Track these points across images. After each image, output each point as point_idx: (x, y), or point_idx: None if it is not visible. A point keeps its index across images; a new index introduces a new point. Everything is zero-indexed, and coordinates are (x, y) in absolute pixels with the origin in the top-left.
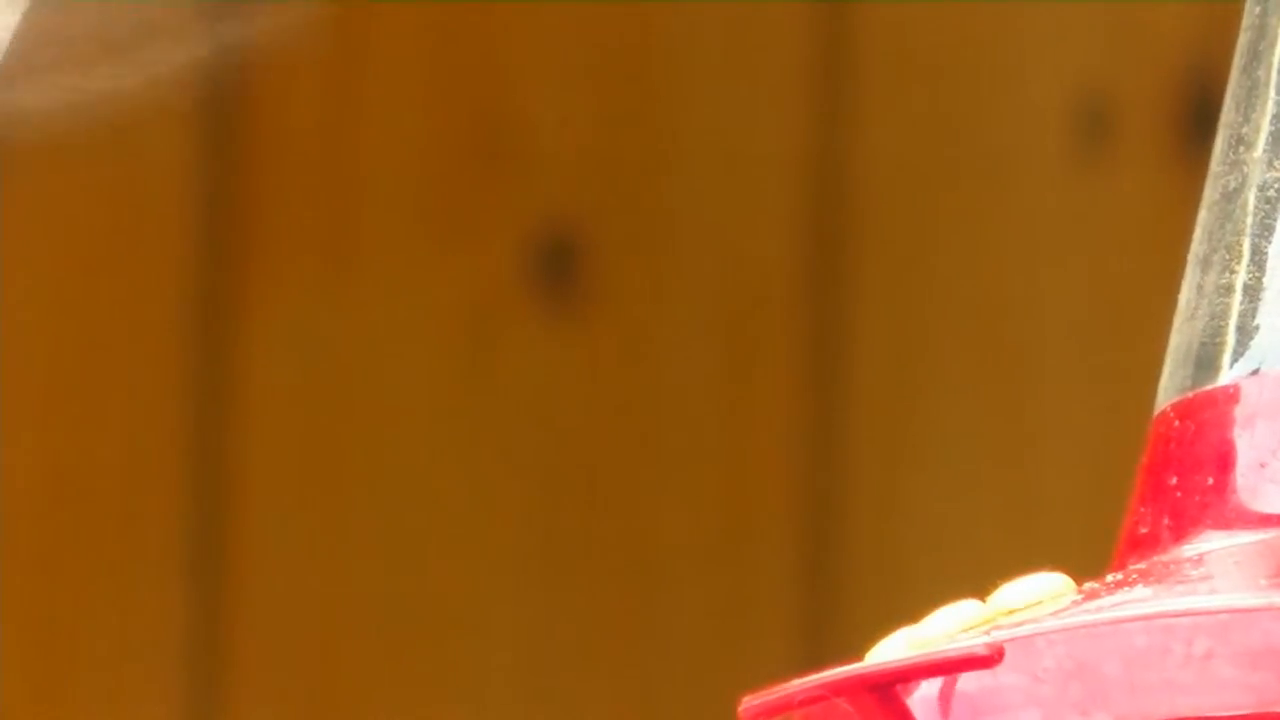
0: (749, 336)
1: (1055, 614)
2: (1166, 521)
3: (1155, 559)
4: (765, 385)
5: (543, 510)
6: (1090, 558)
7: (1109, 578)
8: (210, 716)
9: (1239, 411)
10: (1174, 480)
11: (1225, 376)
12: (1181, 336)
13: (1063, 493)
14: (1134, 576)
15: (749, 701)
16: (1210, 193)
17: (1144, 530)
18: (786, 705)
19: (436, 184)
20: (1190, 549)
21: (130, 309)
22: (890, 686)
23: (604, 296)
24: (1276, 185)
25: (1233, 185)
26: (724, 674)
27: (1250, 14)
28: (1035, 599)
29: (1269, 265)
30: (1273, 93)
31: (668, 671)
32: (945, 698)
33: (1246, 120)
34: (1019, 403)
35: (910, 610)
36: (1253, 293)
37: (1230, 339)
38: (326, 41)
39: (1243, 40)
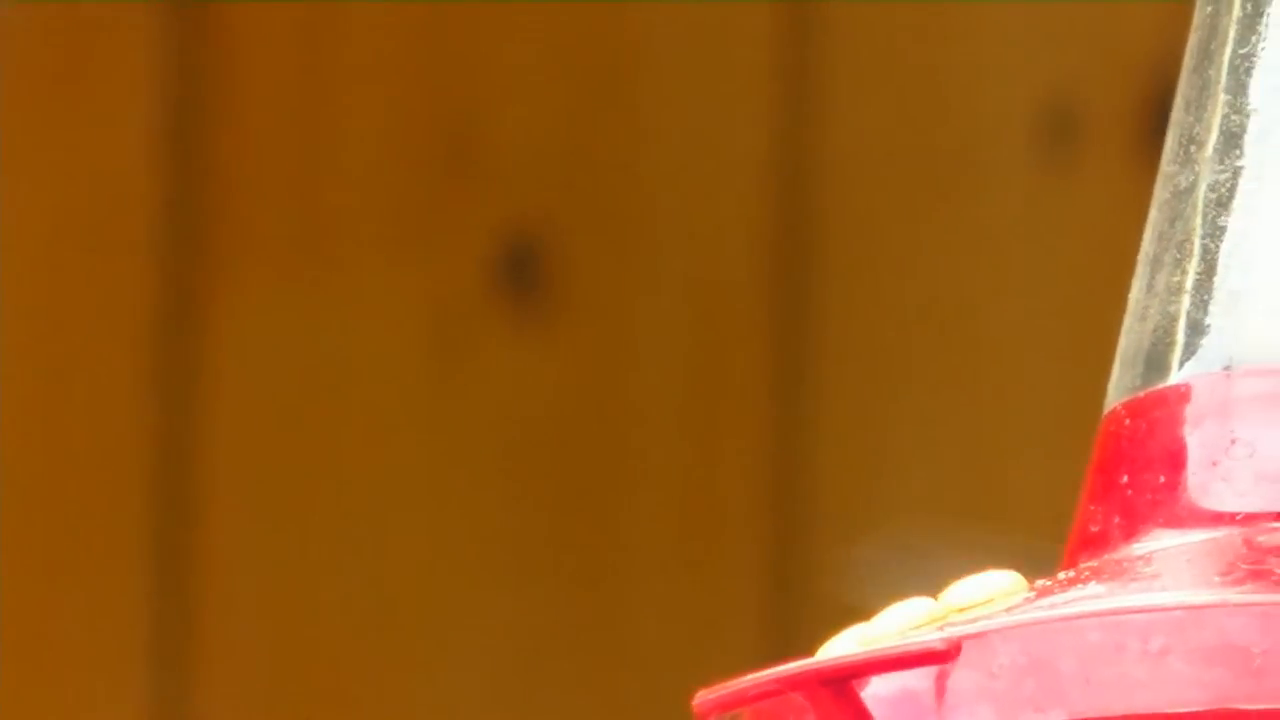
0: (716, 339)
1: (1008, 610)
2: (1117, 520)
3: (1107, 557)
4: (733, 388)
5: (510, 513)
6: (1058, 558)
7: (1061, 575)
8: (176, 713)
9: (1190, 410)
10: (1125, 479)
11: (1176, 376)
12: (1132, 335)
13: (1030, 492)
14: (1086, 574)
15: (703, 695)
16: (1161, 192)
17: (1095, 529)
18: (741, 700)
19: (403, 188)
20: (1141, 547)
21: (97, 312)
22: (845, 681)
23: (571, 300)
24: (1227, 184)
25: (1183, 184)
26: (692, 675)
27: (1201, 13)
28: (987, 596)
29: (1219, 264)
30: (1223, 92)
31: (636, 673)
32: (899, 693)
33: (1198, 120)
34: (985, 404)
35: (877, 611)
36: (1203, 292)
37: (1181, 338)
38: (293, 46)
39: (1193, 40)
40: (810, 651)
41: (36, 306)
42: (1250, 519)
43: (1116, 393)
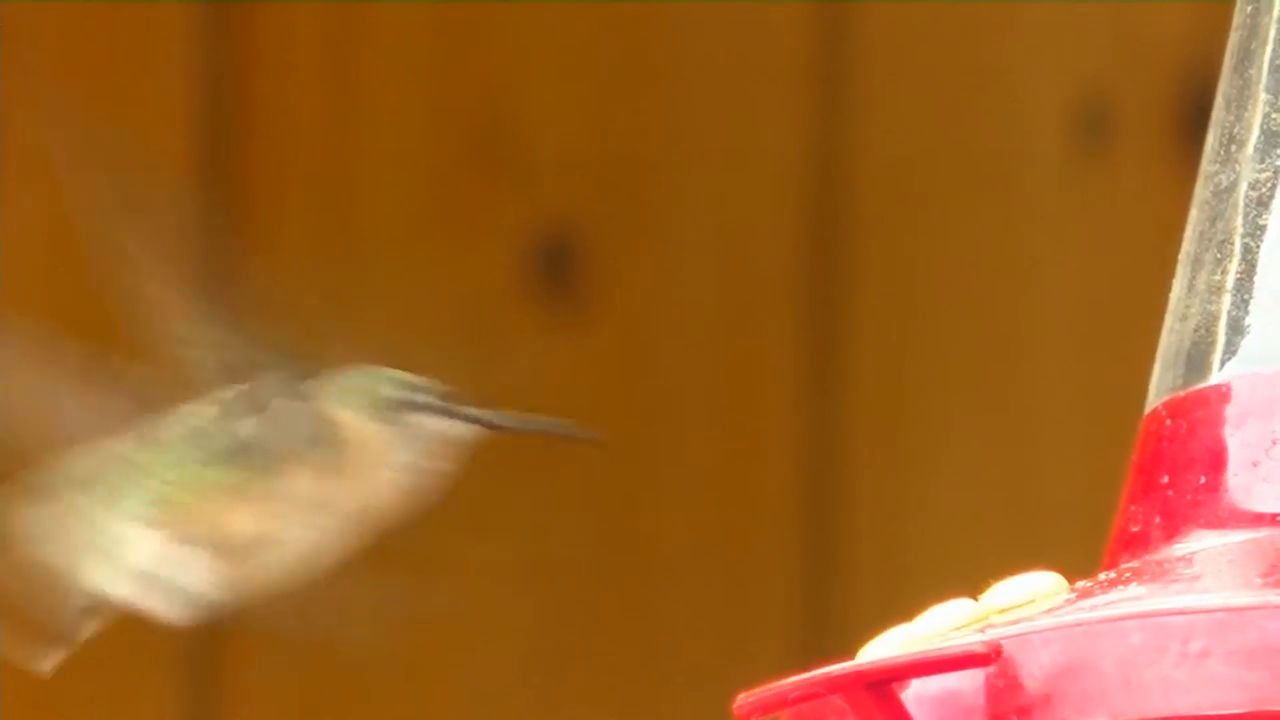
0: (749, 336)
1: (1049, 612)
2: (1158, 520)
3: (1148, 558)
4: (765, 385)
5: (542, 510)
6: (1089, 557)
7: (1102, 576)
8: (208, 714)
9: (1231, 410)
10: (1166, 479)
11: (1217, 375)
12: (1173, 335)
13: (1062, 491)
14: (1127, 575)
15: (744, 698)
16: (1202, 191)
17: (1135, 529)
18: (782, 702)
19: (436, 186)
20: (1182, 548)
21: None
22: (887, 684)
23: (604, 297)
24: (1267, 184)
25: (1224, 183)
26: (724, 674)
27: (1241, 13)
28: (1028, 597)
29: (1260, 264)
30: (1264, 92)
31: (668, 672)
32: (941, 695)
33: (1238, 119)
34: (1018, 402)
35: (910, 610)
36: (1244, 292)
37: (1221, 338)
38: (324, 45)
39: (1234, 39)
40: (844, 652)
41: (70, 307)
42: None
43: (1157, 392)
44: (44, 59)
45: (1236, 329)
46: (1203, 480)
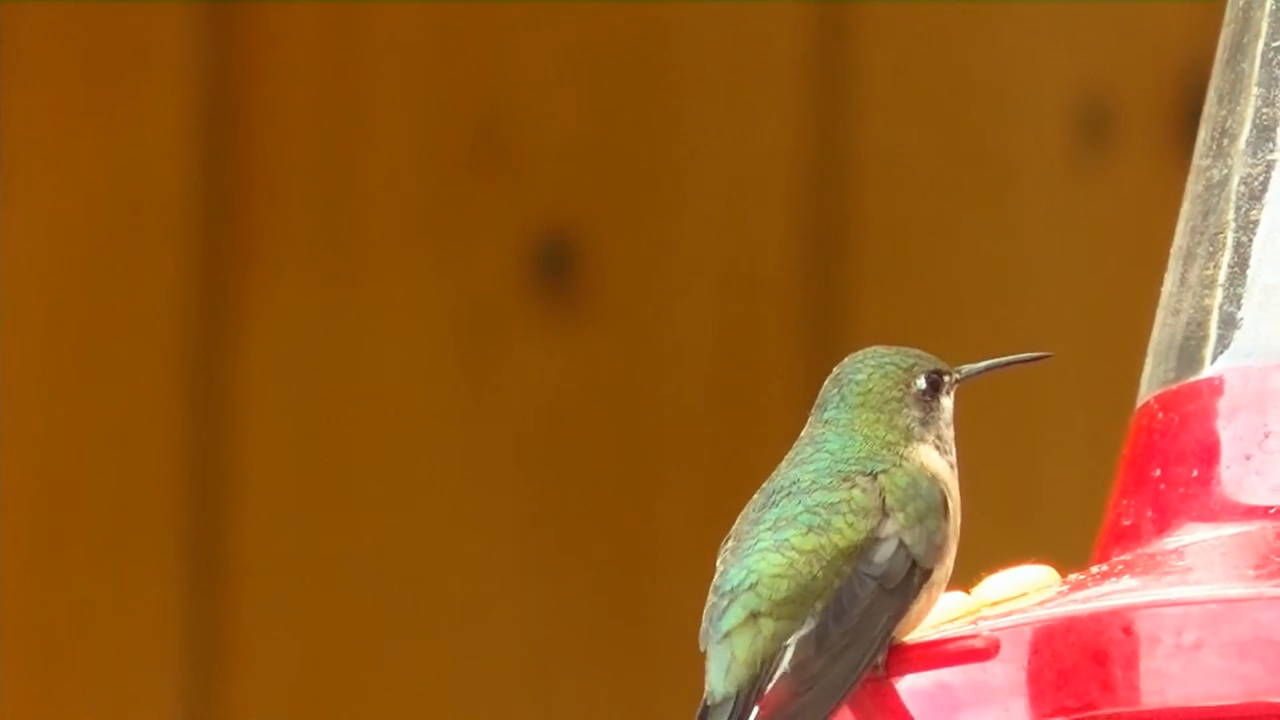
0: (748, 337)
1: (1041, 604)
2: (1150, 513)
3: (1140, 551)
4: (764, 385)
5: (542, 509)
6: (1081, 549)
7: (1094, 569)
8: (208, 714)
9: (1223, 404)
10: (1157, 472)
11: (1209, 369)
12: (1165, 329)
13: (1054, 484)
14: (1119, 567)
15: None
16: (1193, 185)
17: (1127, 522)
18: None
19: (436, 185)
20: (1174, 541)
21: (130, 311)
22: (884, 677)
23: (603, 297)
24: (1259, 178)
25: (1216, 178)
26: None
27: (1233, 7)
28: (1020, 590)
29: (1252, 258)
30: (1255, 86)
31: (666, 671)
32: (935, 687)
33: (1230, 113)
34: (1013, 398)
35: None
36: (1235, 286)
37: (1213, 332)
38: (323, 46)
39: (1225, 34)
40: None
41: (69, 307)
42: None
43: (1149, 386)
44: (44, 59)
45: (1228, 322)
46: (1195, 473)
